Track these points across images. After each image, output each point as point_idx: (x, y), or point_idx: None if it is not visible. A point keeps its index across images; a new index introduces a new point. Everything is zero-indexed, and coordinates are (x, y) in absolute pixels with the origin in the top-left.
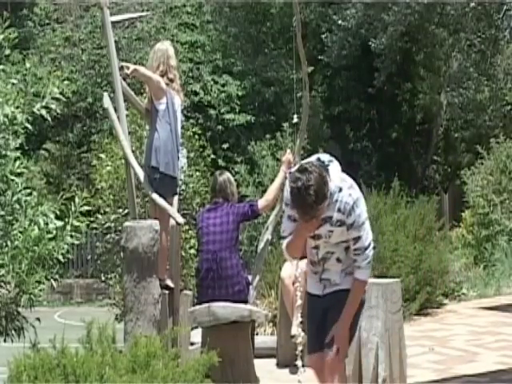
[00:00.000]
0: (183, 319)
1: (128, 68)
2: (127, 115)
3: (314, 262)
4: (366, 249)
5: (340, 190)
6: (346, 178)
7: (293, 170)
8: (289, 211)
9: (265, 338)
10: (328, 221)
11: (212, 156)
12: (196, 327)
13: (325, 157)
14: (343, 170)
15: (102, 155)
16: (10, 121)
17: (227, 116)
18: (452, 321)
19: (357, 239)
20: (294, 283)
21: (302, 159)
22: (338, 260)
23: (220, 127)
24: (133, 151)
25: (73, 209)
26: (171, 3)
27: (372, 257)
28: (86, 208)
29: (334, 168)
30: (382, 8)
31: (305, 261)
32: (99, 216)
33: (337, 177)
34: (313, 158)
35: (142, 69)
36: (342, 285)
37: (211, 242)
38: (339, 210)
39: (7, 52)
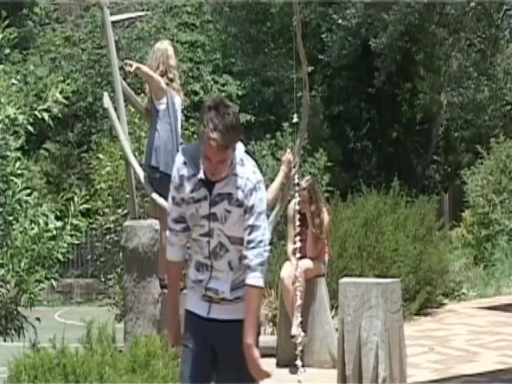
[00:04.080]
0: (183, 319)
1: (131, 65)
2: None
3: (201, 264)
4: (260, 242)
5: (242, 163)
6: (249, 158)
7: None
8: (173, 193)
9: (265, 338)
10: (226, 198)
11: None
12: None
13: None
14: (343, 170)
15: (101, 155)
16: (11, 122)
17: None
18: (452, 321)
19: (252, 228)
20: (293, 283)
21: (303, 159)
22: (230, 266)
23: None
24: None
25: (72, 208)
26: (171, 3)
27: (266, 262)
28: (86, 206)
29: (239, 144)
30: (382, 7)
31: (305, 260)
32: (99, 217)
33: (241, 150)
34: None
35: (144, 67)
36: (234, 311)
37: None
38: (240, 188)
39: (7, 51)
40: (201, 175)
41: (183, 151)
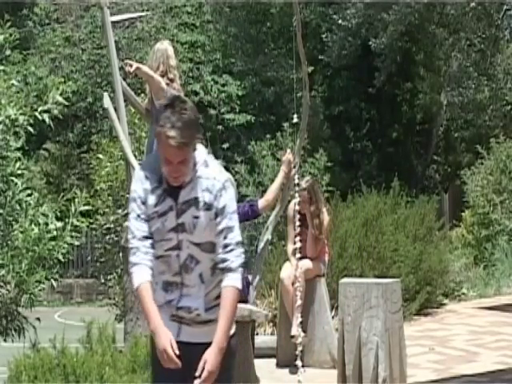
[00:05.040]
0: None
1: (131, 66)
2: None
3: (169, 284)
4: (237, 244)
5: (206, 164)
6: (213, 159)
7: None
8: (138, 209)
9: (265, 338)
10: (193, 203)
11: (212, 156)
12: None
13: None
14: (343, 170)
15: (101, 156)
16: (11, 122)
17: (227, 116)
18: (452, 321)
19: (228, 230)
20: (293, 283)
21: (303, 160)
22: (201, 278)
23: (220, 127)
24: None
25: (73, 209)
26: (171, 3)
27: (243, 263)
28: (86, 208)
29: (201, 146)
30: (382, 7)
31: (305, 261)
32: (99, 217)
33: (203, 152)
34: None
35: (144, 67)
36: (206, 334)
37: None
38: (207, 190)
39: (8, 52)
40: (165, 185)
41: (142, 166)
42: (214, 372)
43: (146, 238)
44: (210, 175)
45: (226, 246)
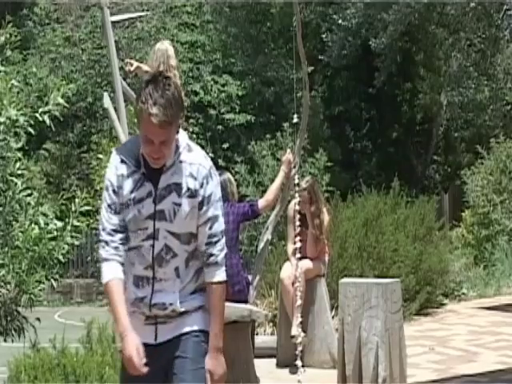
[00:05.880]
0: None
1: (131, 65)
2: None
3: (140, 278)
4: (221, 233)
5: (190, 149)
6: (196, 144)
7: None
8: (109, 199)
9: (265, 338)
10: (174, 189)
11: (212, 156)
12: None
13: None
14: (343, 170)
15: (101, 156)
16: (12, 123)
17: (227, 116)
18: (452, 321)
19: (214, 219)
20: (293, 283)
21: (303, 160)
22: (177, 272)
23: (220, 127)
24: None
25: (73, 209)
26: (171, 3)
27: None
28: (86, 208)
29: (182, 131)
30: (382, 7)
31: (305, 261)
32: (99, 217)
33: (185, 137)
34: None
35: (144, 67)
36: (184, 325)
37: None
38: (191, 175)
39: (9, 53)
40: (143, 169)
41: (118, 150)
42: (222, 376)
43: (116, 231)
44: (195, 160)
45: (210, 236)
